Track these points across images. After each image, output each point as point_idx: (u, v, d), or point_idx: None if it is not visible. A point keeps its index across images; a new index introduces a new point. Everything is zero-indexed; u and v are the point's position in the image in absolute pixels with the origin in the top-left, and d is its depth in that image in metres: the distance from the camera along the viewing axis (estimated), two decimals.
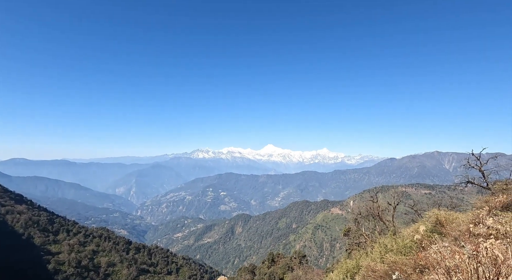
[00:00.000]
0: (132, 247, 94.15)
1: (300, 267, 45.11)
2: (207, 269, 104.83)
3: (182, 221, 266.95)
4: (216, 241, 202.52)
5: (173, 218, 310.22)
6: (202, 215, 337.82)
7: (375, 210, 28.82)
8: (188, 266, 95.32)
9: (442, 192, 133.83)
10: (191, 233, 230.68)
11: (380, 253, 13.02)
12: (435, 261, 6.38)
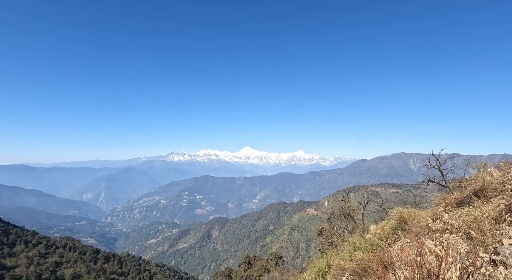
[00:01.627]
0: (100, 257, 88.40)
1: (276, 269, 45.36)
2: (182, 276, 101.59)
3: (156, 227, 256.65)
4: (192, 246, 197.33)
5: (146, 224, 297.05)
6: (178, 220, 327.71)
7: (347, 210, 29.87)
8: (162, 274, 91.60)
9: (408, 191, 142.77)
10: (165, 238, 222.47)
11: (349, 251, 13.41)
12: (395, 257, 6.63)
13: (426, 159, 26.93)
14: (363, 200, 30.94)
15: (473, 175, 13.00)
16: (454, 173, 23.98)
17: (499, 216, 6.16)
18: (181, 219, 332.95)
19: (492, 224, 5.96)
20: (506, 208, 7.22)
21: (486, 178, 10.69)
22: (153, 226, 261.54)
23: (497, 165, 12.90)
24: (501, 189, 9.27)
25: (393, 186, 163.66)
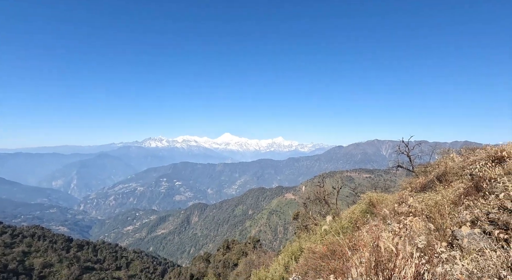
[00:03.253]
0: (73, 245, 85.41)
1: (254, 252, 46.58)
2: (160, 261, 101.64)
3: (133, 214, 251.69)
4: (171, 232, 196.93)
5: (122, 211, 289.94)
6: (156, 206, 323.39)
7: (321, 194, 30.82)
8: (140, 260, 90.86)
9: (379, 176, 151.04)
10: (143, 225, 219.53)
11: (321, 235, 13.82)
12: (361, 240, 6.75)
13: (397, 145, 28.15)
14: (337, 185, 32.06)
15: (437, 161, 13.78)
16: (421, 159, 25.37)
17: (458, 200, 6.51)
18: (160, 206, 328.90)
19: (451, 207, 6.26)
20: (465, 192, 7.64)
21: (448, 163, 11.32)
22: (130, 213, 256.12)
23: (459, 151, 13.74)
24: (461, 174, 9.85)
25: (366, 171, 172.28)
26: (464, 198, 6.01)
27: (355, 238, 10.72)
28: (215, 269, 46.39)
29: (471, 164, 9.38)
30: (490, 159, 8.61)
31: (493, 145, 10.15)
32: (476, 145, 18.70)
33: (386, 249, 1.88)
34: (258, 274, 18.30)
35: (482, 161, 8.36)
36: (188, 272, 47.57)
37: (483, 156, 9.27)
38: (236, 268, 43.86)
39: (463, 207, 6.03)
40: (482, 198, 5.37)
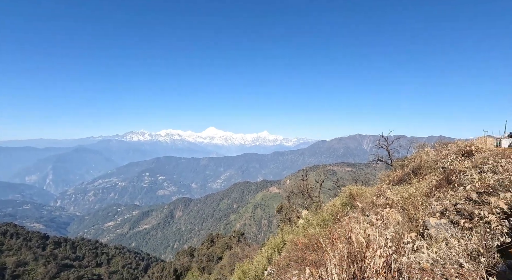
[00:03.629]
0: (50, 242, 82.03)
1: (238, 245, 47.05)
2: (143, 256, 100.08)
3: (115, 209, 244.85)
4: (154, 227, 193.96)
5: (103, 206, 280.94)
6: (138, 202, 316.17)
7: (305, 188, 31.40)
8: (121, 256, 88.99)
9: (360, 169, 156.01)
10: (125, 221, 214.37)
11: (303, 227, 14.12)
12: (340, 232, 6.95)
13: (377, 140, 29.07)
14: (320, 179, 32.78)
15: (413, 155, 14.45)
16: (399, 153, 26.42)
17: (430, 192, 6.87)
18: (142, 201, 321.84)
19: (424, 199, 6.60)
20: (437, 184, 8.07)
21: (423, 157, 11.89)
22: (111, 208, 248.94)
23: (433, 146, 14.47)
24: (434, 167, 10.38)
25: (348, 165, 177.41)
26: (436, 190, 6.35)
27: (335, 230, 11.02)
28: (199, 263, 46.41)
29: (443, 158, 9.92)
30: (460, 153, 9.15)
31: (464, 140, 10.79)
32: (449, 140, 19.70)
33: (357, 241, 1.94)
34: (242, 266, 18.48)
35: (453, 155, 8.88)
36: (171, 267, 47.27)
37: (454, 150, 9.84)
38: (221, 261, 44.14)
39: (434, 199, 6.37)
40: (452, 190, 5.70)
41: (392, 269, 1.86)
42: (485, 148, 8.68)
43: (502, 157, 5.76)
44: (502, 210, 2.93)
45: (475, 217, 3.23)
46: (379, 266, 1.88)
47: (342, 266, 1.91)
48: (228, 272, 33.44)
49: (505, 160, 5.12)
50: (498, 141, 10.28)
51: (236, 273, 18.08)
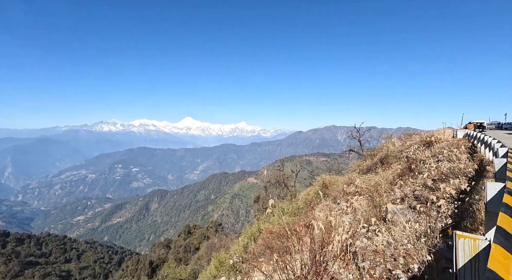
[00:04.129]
0: (11, 239, 76.40)
1: (216, 235, 47.31)
2: (117, 250, 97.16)
3: (84, 203, 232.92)
4: (128, 220, 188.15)
5: (71, 200, 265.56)
6: (110, 194, 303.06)
7: (281, 178, 32.03)
8: (93, 250, 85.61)
9: (334, 159, 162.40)
10: (96, 214, 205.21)
11: (278, 216, 14.50)
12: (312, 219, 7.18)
13: (350, 131, 30.29)
14: (296, 169, 33.63)
15: (381, 145, 15.36)
16: (370, 143, 27.82)
17: (394, 180, 7.38)
18: (115, 194, 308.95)
19: (388, 187, 7.08)
20: (400, 173, 8.69)
21: (390, 147, 12.68)
22: (81, 202, 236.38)
23: (400, 137, 15.46)
24: (399, 156, 11.14)
25: (323, 155, 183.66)
26: (398, 178, 6.85)
27: (308, 218, 11.42)
28: (176, 254, 46.11)
29: (407, 148, 10.67)
30: (422, 143, 9.90)
31: (426, 131, 11.67)
32: (414, 131, 21.07)
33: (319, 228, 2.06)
34: (219, 256, 18.65)
35: (416, 145, 9.59)
36: (147, 259, 46.47)
37: (417, 141, 10.64)
38: (198, 252, 44.19)
39: (397, 186, 6.86)
40: (412, 177, 6.19)
41: (349, 252, 2.01)
42: (443, 139, 9.57)
43: (456, 147, 6.33)
44: (451, 195, 3.26)
45: (429, 202, 3.58)
46: (337, 250, 2.01)
47: (305, 252, 2.02)
48: (205, 262, 33.64)
49: (458, 149, 5.64)
50: (455, 132, 11.30)
51: (213, 263, 18.24)
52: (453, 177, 4.31)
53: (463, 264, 1.72)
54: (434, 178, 4.76)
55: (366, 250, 2.20)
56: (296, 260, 1.96)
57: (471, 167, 5.05)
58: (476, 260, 1.66)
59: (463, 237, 1.73)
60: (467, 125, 32.39)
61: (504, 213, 1.96)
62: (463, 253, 1.72)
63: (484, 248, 1.64)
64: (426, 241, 2.20)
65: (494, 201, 2.33)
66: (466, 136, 11.90)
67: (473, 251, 1.69)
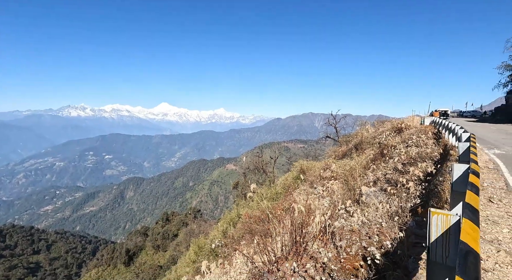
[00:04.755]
0: None
1: (194, 222, 47.41)
2: (90, 239, 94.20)
3: (52, 192, 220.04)
4: (102, 209, 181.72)
5: (37, 189, 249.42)
6: (82, 183, 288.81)
7: (260, 164, 32.39)
8: (64, 240, 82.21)
9: (312, 146, 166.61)
10: (66, 204, 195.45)
11: (257, 201, 14.77)
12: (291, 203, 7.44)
13: (327, 118, 31.04)
14: (274, 155, 34.12)
15: (356, 132, 16.01)
16: (345, 130, 28.78)
17: (367, 164, 7.79)
18: (87, 182, 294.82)
19: (362, 171, 7.46)
20: (373, 157, 9.16)
21: (364, 134, 13.24)
22: (48, 191, 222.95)
23: (373, 124, 16.17)
24: (372, 142, 11.70)
25: (301, 142, 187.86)
26: (371, 163, 7.24)
27: (285, 202, 11.73)
28: (153, 242, 45.76)
29: (380, 134, 11.24)
30: (393, 130, 10.49)
31: (397, 119, 12.36)
32: (386, 118, 22.11)
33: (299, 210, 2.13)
34: (198, 242, 18.77)
35: (388, 132, 10.13)
36: (123, 247, 45.67)
37: (389, 127, 11.25)
38: (176, 238, 44.16)
39: (370, 170, 7.24)
40: (384, 162, 6.58)
41: (327, 232, 2.10)
42: (412, 125, 10.26)
43: (423, 133, 6.81)
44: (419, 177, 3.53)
45: (399, 184, 3.86)
46: (316, 231, 2.09)
47: (285, 234, 2.08)
48: (184, 248, 33.77)
49: (425, 135, 6.07)
50: (422, 119, 12.14)
51: (192, 248, 18.35)
52: (421, 161, 4.66)
53: (436, 238, 1.89)
54: (404, 162, 5.11)
55: (343, 230, 2.34)
56: (277, 242, 2.02)
57: (436, 152, 5.53)
58: (447, 233, 1.85)
59: (437, 213, 1.89)
60: (433, 113, 34.65)
61: (471, 191, 2.21)
62: (436, 228, 1.89)
63: (455, 223, 1.85)
64: (398, 220, 2.41)
65: (459, 181, 2.62)
66: (432, 123, 12.82)
67: (445, 225, 1.86)
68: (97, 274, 43.19)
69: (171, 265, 31.57)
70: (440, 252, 1.88)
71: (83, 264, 69.78)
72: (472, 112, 45.85)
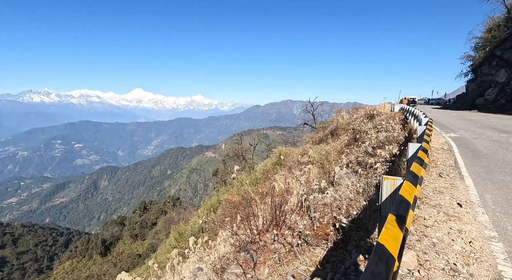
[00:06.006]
0: None
1: (173, 209, 47.16)
2: (62, 231, 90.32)
3: (16, 183, 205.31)
4: (74, 200, 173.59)
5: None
6: (49, 173, 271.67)
7: (240, 151, 32.62)
8: (32, 234, 78.02)
9: (290, 132, 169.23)
10: (33, 195, 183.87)
11: (237, 187, 15.03)
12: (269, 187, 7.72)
13: (305, 105, 31.69)
14: (254, 142, 34.45)
15: (332, 118, 16.65)
16: (322, 117, 29.67)
17: (341, 149, 8.27)
18: (55, 172, 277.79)
19: (336, 155, 7.91)
20: (347, 143, 9.69)
21: (339, 120, 13.83)
22: (11, 182, 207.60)
23: (348, 111, 16.88)
24: (347, 128, 12.30)
25: (280, 129, 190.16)
26: (345, 147, 7.72)
27: (266, 187, 12.08)
28: (131, 231, 45.05)
29: (354, 121, 11.86)
30: (366, 116, 11.12)
31: (370, 106, 13.06)
32: (360, 106, 23.08)
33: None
34: (178, 228, 18.84)
35: (361, 118, 10.73)
36: (99, 238, 44.53)
37: (362, 114, 11.89)
38: (155, 227, 43.80)
39: (344, 155, 7.72)
40: (357, 146, 7.06)
41: (303, 206, 2.34)
42: (383, 112, 11.00)
43: (392, 119, 7.36)
44: (385, 158, 3.92)
45: (367, 166, 4.27)
46: (294, 205, 2.32)
47: (266, 210, 2.27)
48: (163, 236, 33.68)
49: (394, 121, 6.59)
50: (392, 106, 12.99)
51: (172, 235, 18.42)
52: (388, 144, 5.14)
53: (385, 198, 2.40)
54: (374, 146, 5.55)
55: (317, 204, 2.61)
56: (259, 217, 2.22)
57: (402, 136, 6.09)
58: (394, 193, 2.35)
59: (387, 178, 2.42)
60: (403, 100, 36.69)
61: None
62: (386, 190, 2.39)
63: (400, 185, 2.33)
64: (363, 194, 2.75)
65: (412, 157, 3.21)
66: (401, 110, 13.76)
67: (392, 187, 2.39)
68: (72, 266, 41.96)
69: (150, 253, 31.48)
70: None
71: (55, 257, 67.14)
72: (437, 100, 49.14)
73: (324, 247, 2.38)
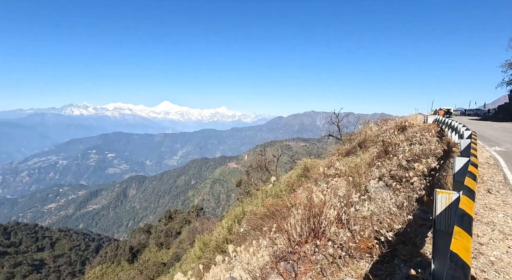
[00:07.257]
0: None
1: (197, 219, 47.80)
2: (94, 237, 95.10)
3: (56, 190, 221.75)
4: (105, 207, 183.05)
5: (40, 187, 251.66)
6: (85, 181, 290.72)
7: (263, 162, 32.63)
8: (67, 238, 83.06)
9: (313, 144, 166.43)
10: (69, 202, 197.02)
11: (262, 198, 14.98)
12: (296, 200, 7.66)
13: (329, 117, 31.13)
14: (277, 153, 34.34)
15: (359, 130, 16.18)
16: (348, 128, 28.88)
17: (372, 162, 7.98)
18: (89, 180, 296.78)
19: (366, 168, 7.66)
20: (377, 155, 9.35)
21: (367, 132, 13.41)
22: (51, 189, 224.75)
23: (376, 122, 16.34)
24: (376, 140, 11.88)
25: (303, 140, 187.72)
26: (376, 160, 7.44)
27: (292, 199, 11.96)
28: (156, 239, 46.21)
29: (383, 132, 11.42)
30: (397, 128, 10.68)
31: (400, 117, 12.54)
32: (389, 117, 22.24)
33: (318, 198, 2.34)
34: (203, 238, 19.03)
35: (391, 130, 10.32)
36: (127, 245, 46.19)
37: (392, 125, 11.44)
38: (179, 236, 44.55)
39: (375, 167, 7.45)
40: (388, 159, 6.79)
41: (342, 219, 2.33)
42: (416, 124, 10.50)
43: (427, 131, 6.99)
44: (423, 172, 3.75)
45: (403, 180, 4.08)
46: (332, 217, 2.31)
47: (303, 221, 2.29)
48: (188, 245, 34.10)
49: (429, 133, 6.27)
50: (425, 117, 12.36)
51: (197, 245, 18.62)
52: (425, 157, 4.88)
53: (440, 212, 2.41)
54: (408, 159, 5.32)
55: (355, 217, 2.57)
56: (296, 227, 2.25)
57: (439, 149, 5.75)
58: (449, 208, 2.35)
59: (441, 192, 2.40)
60: (439, 111, 34.68)
61: (469, 177, 2.79)
62: (440, 204, 2.39)
63: (455, 200, 2.33)
64: (405, 208, 2.66)
65: (460, 172, 3.10)
66: (435, 122, 13.02)
67: (447, 202, 2.38)
68: (101, 271, 43.76)
69: (174, 262, 31.94)
70: (444, 222, 2.36)
71: (86, 262, 70.59)
72: (475, 111, 45.72)
73: (368, 260, 2.33)
